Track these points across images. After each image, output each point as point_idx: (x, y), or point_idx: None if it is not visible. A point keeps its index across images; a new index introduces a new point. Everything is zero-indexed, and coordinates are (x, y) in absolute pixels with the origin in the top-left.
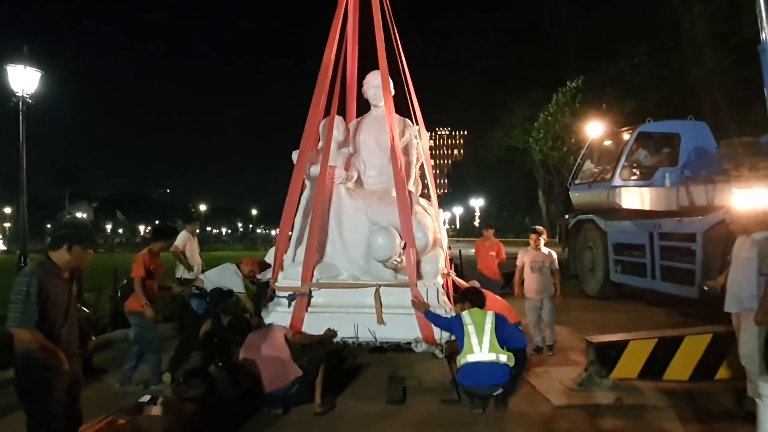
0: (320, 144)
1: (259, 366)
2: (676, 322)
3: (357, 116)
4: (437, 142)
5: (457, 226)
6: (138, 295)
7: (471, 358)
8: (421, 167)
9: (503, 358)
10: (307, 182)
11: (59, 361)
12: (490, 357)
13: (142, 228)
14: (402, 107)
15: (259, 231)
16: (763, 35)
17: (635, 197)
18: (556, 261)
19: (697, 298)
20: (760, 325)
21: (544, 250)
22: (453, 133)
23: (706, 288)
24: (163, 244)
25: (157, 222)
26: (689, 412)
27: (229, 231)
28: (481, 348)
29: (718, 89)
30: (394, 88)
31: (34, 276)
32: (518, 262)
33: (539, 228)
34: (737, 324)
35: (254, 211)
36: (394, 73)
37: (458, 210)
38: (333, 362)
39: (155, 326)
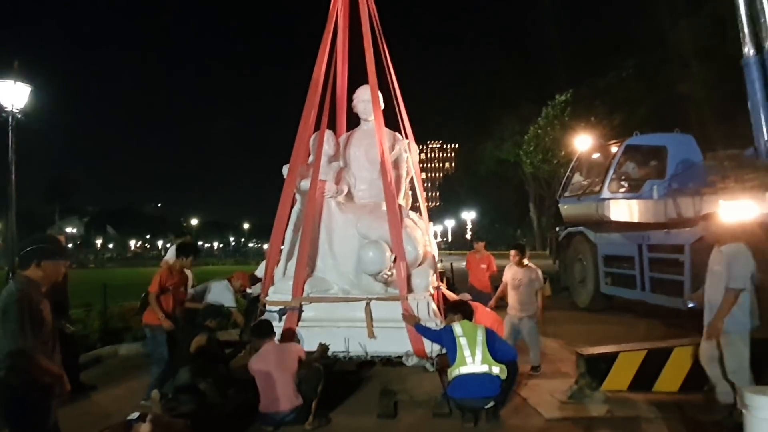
0: (310, 158)
1: (264, 383)
2: (665, 334)
3: (347, 130)
4: (428, 155)
5: (449, 239)
6: (153, 309)
7: (464, 369)
8: (411, 181)
9: (496, 369)
10: (297, 196)
11: (62, 383)
12: (483, 369)
13: (133, 243)
14: (391, 121)
15: (251, 245)
16: (745, 50)
17: (624, 209)
18: (540, 278)
19: (686, 310)
20: (709, 339)
21: (527, 266)
22: (444, 146)
23: (690, 304)
24: (184, 261)
25: (177, 240)
26: (679, 423)
27: (221, 245)
28: (474, 360)
29: (704, 102)
30: (384, 102)
31: (25, 296)
32: (503, 278)
33: (519, 243)
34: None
35: (246, 225)
36: (384, 87)
37: (450, 223)
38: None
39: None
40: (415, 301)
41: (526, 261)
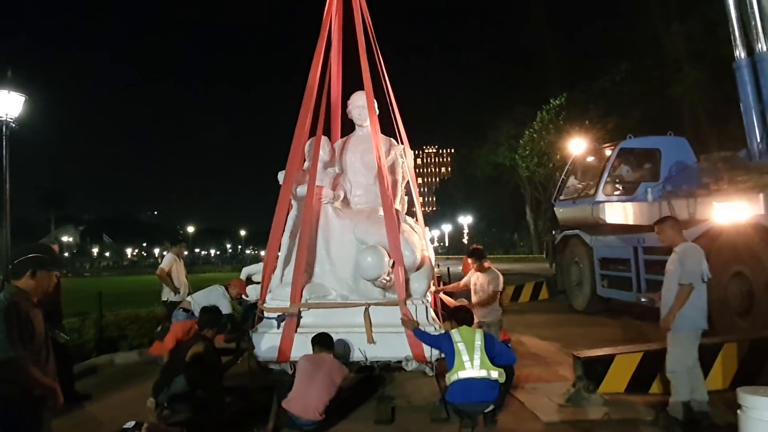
0: (306, 164)
1: (303, 382)
2: (662, 336)
3: (342, 136)
4: (425, 161)
5: (446, 244)
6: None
7: (462, 374)
8: (407, 186)
9: (494, 374)
10: (293, 202)
11: (55, 395)
12: (482, 374)
13: (129, 251)
14: (386, 126)
15: (248, 252)
16: (737, 53)
17: (618, 212)
18: (499, 281)
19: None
20: (663, 330)
21: (488, 270)
22: (440, 151)
23: (643, 300)
24: (209, 332)
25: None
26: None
27: (218, 252)
28: (473, 364)
29: (697, 105)
30: (379, 108)
31: (13, 306)
32: (464, 282)
33: (475, 248)
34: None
35: (243, 232)
36: (378, 92)
37: (447, 227)
38: None
39: None
40: (414, 305)
41: (487, 264)
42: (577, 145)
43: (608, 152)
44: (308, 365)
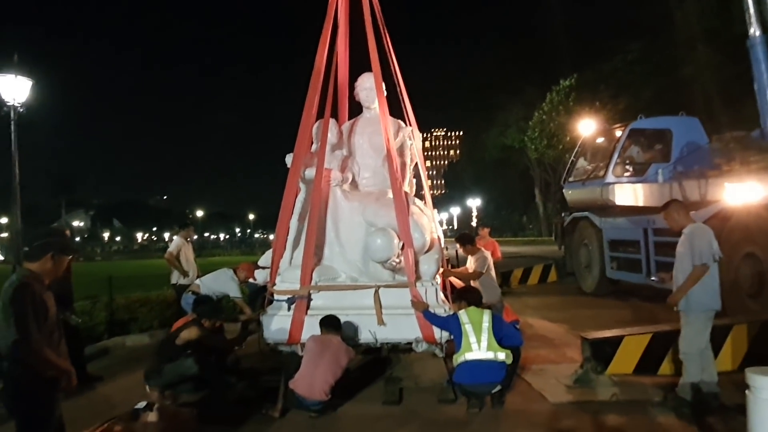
0: (314, 147)
1: (310, 363)
2: (671, 317)
3: (349, 118)
4: (433, 143)
5: (455, 227)
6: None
7: (469, 356)
8: (416, 168)
9: (501, 356)
10: (302, 185)
11: (69, 377)
12: (488, 355)
13: (139, 235)
14: (394, 108)
15: (256, 236)
16: (751, 30)
17: (628, 194)
18: (485, 264)
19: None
20: (670, 305)
21: (478, 251)
22: (449, 134)
23: (653, 279)
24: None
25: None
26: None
27: (227, 236)
28: (480, 346)
29: (710, 85)
30: (386, 90)
31: (27, 288)
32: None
33: (463, 233)
34: (682, 318)
35: (251, 216)
36: (386, 74)
37: (456, 210)
38: None
39: None
40: (423, 287)
41: (477, 246)
42: (586, 126)
43: (618, 133)
44: (315, 346)
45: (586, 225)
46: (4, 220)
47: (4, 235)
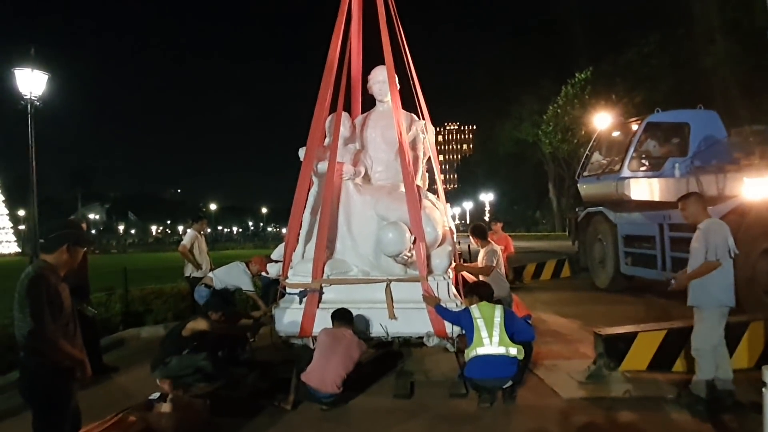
0: (327, 140)
1: (322, 355)
2: (686, 314)
3: (362, 112)
4: (446, 137)
5: (467, 221)
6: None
7: (480, 351)
8: (429, 162)
9: (513, 351)
10: (314, 179)
11: (84, 367)
12: (500, 350)
13: (154, 228)
14: (407, 102)
15: (269, 229)
16: None
17: (644, 188)
18: (495, 258)
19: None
20: (673, 288)
21: (489, 244)
22: (462, 128)
23: (671, 280)
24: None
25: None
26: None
27: (240, 230)
28: (491, 341)
29: (729, 77)
30: (399, 83)
31: (42, 279)
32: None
33: (477, 224)
34: (695, 315)
35: (264, 210)
36: (399, 67)
37: (468, 205)
38: None
39: None
40: (435, 281)
41: (489, 239)
42: (602, 120)
43: (635, 127)
44: (328, 340)
45: (600, 220)
46: (22, 212)
47: (22, 227)
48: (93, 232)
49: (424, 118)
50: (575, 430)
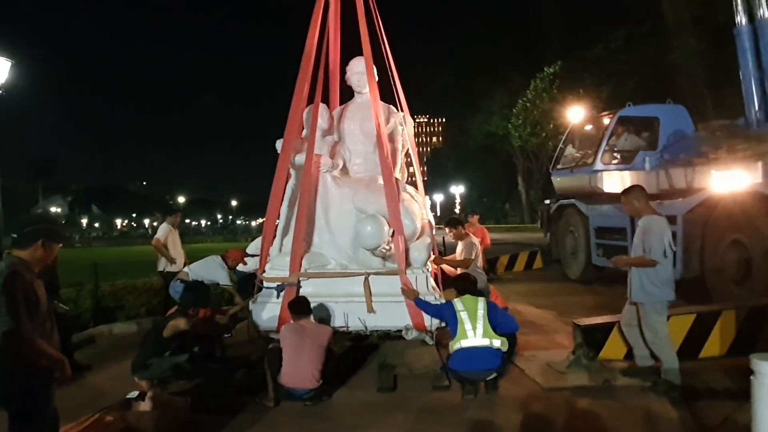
0: (304, 132)
1: (292, 356)
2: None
3: (340, 104)
4: (416, 130)
5: (438, 213)
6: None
7: (465, 343)
8: (407, 154)
9: (497, 343)
10: (292, 171)
11: (63, 367)
12: (484, 342)
13: (119, 221)
14: (385, 94)
15: (239, 222)
16: (738, 19)
17: (616, 181)
18: (473, 251)
19: (679, 279)
20: (614, 264)
21: (466, 236)
22: (431, 121)
23: (608, 258)
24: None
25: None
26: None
27: (209, 223)
28: (475, 333)
29: (694, 73)
30: (378, 74)
31: (17, 276)
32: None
33: (452, 217)
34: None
35: (234, 202)
36: (378, 59)
37: (438, 197)
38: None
39: None
40: (414, 274)
41: (464, 232)
42: (575, 114)
43: (607, 120)
44: (292, 336)
45: (572, 212)
46: None
47: None
48: None
49: (402, 110)
50: (558, 419)
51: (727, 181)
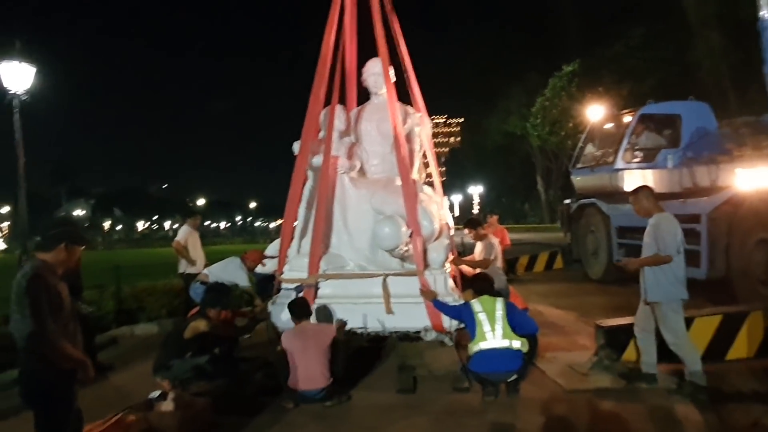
0: (321, 134)
1: (298, 360)
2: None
3: (357, 105)
4: (434, 130)
5: (456, 214)
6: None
7: (484, 345)
8: (424, 155)
9: (516, 344)
10: (309, 173)
11: (86, 369)
12: (504, 343)
13: (140, 224)
14: (402, 94)
15: (257, 224)
16: (762, 12)
17: (638, 180)
18: (493, 251)
19: (704, 279)
20: (623, 265)
21: (485, 237)
22: (449, 121)
23: (618, 261)
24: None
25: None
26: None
27: (228, 225)
28: (494, 335)
29: (715, 70)
30: (395, 75)
31: (41, 278)
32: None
33: (471, 218)
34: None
35: (252, 204)
36: (394, 59)
37: (457, 198)
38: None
39: None
40: (432, 275)
41: (483, 232)
42: (595, 112)
43: (628, 118)
44: (295, 342)
45: (593, 212)
46: (4, 209)
47: (4, 224)
48: None
49: (419, 111)
50: (581, 422)
51: (752, 178)
